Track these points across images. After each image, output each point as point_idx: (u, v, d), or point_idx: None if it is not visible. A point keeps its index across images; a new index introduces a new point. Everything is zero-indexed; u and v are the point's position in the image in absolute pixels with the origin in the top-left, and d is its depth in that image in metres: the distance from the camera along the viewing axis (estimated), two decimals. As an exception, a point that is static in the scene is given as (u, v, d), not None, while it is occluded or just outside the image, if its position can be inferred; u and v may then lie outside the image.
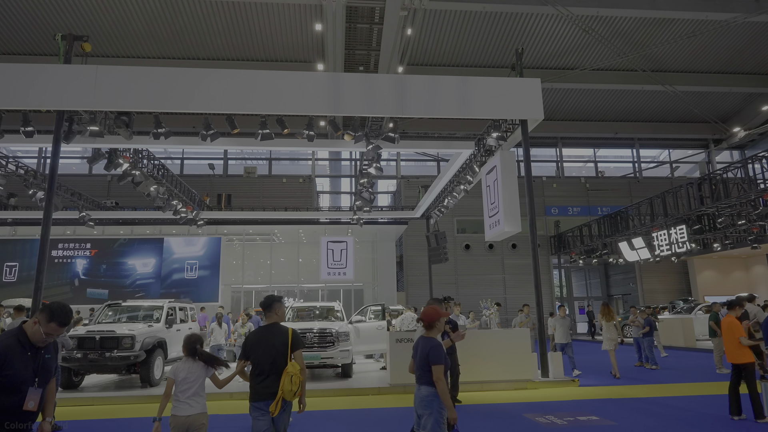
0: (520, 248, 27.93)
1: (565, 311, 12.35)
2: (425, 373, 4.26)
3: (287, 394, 4.27)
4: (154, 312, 12.31)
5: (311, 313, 13.60)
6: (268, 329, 4.56)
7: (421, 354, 4.34)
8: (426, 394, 4.24)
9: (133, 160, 13.79)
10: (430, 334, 4.51)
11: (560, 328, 12.08)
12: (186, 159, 29.67)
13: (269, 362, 4.34)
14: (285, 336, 4.48)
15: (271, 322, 4.62)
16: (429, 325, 4.51)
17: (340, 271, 21.29)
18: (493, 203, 13.43)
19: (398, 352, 10.44)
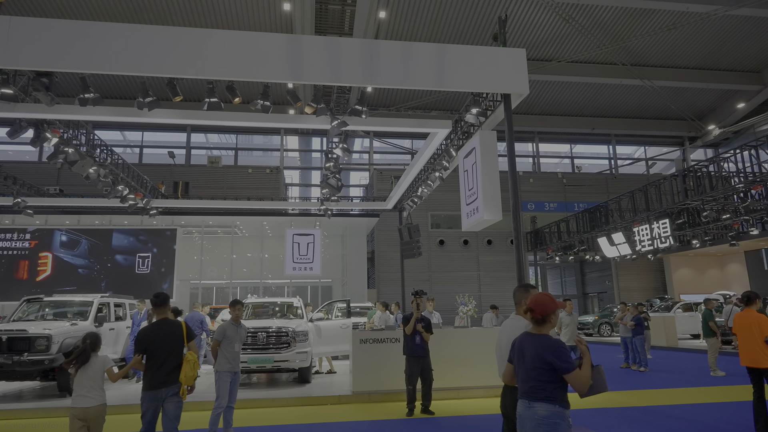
0: (496, 244, 26.76)
1: (572, 307, 10.59)
2: (541, 385, 3.11)
3: (189, 379, 4.76)
4: (82, 308, 10.54)
5: (269, 310, 11.99)
6: (162, 324, 4.91)
7: (534, 358, 3.16)
8: (545, 414, 3.07)
9: (64, 134, 11.94)
10: (541, 330, 3.28)
11: (567, 328, 10.32)
12: (145, 147, 27.65)
13: (166, 353, 4.74)
14: (179, 329, 4.93)
15: (162, 318, 4.95)
16: (542, 318, 3.26)
17: (307, 266, 19.68)
18: (471, 189, 12.03)
19: (362, 354, 8.96)
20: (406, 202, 18.07)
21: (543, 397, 3.09)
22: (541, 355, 3.11)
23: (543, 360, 3.09)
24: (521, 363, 3.25)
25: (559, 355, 3.07)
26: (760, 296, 6.29)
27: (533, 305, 3.27)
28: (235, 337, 6.38)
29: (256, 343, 9.78)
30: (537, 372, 3.12)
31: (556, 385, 3.10)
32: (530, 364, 3.15)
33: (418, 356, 7.74)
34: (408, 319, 7.88)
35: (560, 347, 3.13)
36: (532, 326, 3.31)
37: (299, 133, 28.07)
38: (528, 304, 3.31)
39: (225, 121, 11.22)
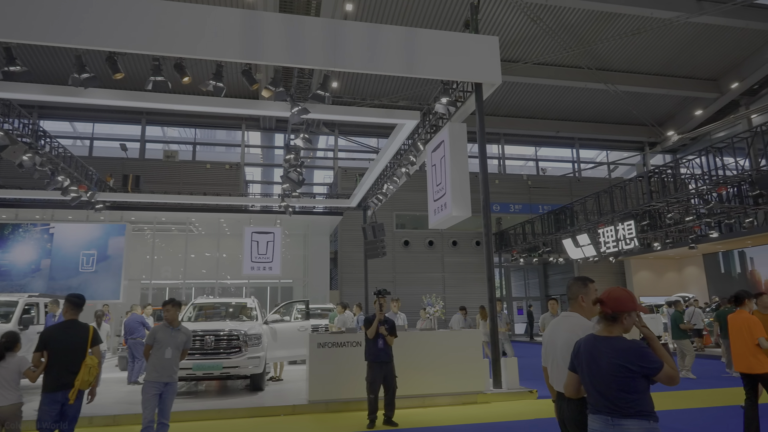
0: (461, 245, 26.32)
1: (557, 307, 9.48)
2: (628, 397, 2.62)
3: (83, 384, 4.65)
4: (7, 309, 9.33)
5: (220, 312, 11.01)
6: (69, 325, 4.79)
7: (614, 366, 2.66)
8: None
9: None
10: (612, 332, 2.78)
11: None
12: (96, 139, 25.96)
13: (69, 356, 4.63)
14: (86, 332, 4.79)
15: (71, 318, 4.82)
16: (613, 314, 2.78)
17: (266, 266, 18.68)
18: (439, 184, 11.40)
19: (320, 359, 8.13)
20: (371, 200, 17.34)
21: (634, 412, 2.61)
22: (623, 362, 2.63)
23: (626, 368, 2.61)
24: (594, 372, 2.72)
25: (644, 358, 2.62)
26: (751, 295, 5.80)
27: (606, 298, 2.79)
28: (167, 342, 5.45)
29: (204, 347, 8.82)
30: (620, 382, 2.62)
31: (644, 394, 2.64)
32: (609, 374, 2.65)
33: (381, 362, 6.99)
34: (370, 321, 7.12)
35: (642, 349, 2.66)
36: (600, 326, 2.82)
37: (261, 128, 26.96)
38: (601, 295, 2.85)
39: (172, 104, 10.24)
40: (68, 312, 4.80)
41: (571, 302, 3.33)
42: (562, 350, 3.13)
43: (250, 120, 26.72)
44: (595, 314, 2.99)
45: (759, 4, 22.53)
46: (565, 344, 3.11)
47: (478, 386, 8.56)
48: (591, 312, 3.17)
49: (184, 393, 9.58)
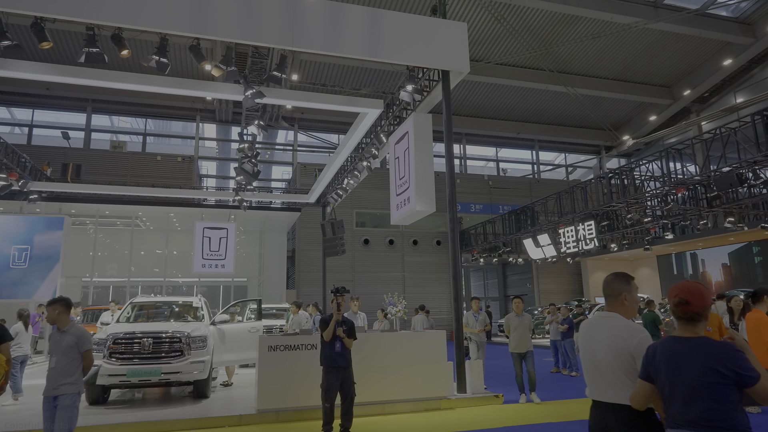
0: (422, 245, 25.88)
1: (521, 306, 8.58)
2: (721, 408, 2.22)
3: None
4: None
5: (163, 312, 10.02)
6: None
7: (704, 371, 2.27)
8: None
9: None
10: (697, 332, 2.42)
11: (516, 331, 8.36)
12: (36, 127, 24.07)
13: None
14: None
15: None
16: (700, 312, 2.42)
17: (218, 263, 17.61)
18: (402, 178, 10.77)
19: (271, 364, 7.35)
20: (330, 196, 16.59)
21: (728, 426, 2.20)
22: (715, 365, 2.24)
23: (719, 373, 2.23)
24: (678, 380, 2.34)
25: (740, 363, 2.22)
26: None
27: (688, 295, 2.39)
28: (52, 349, 4.55)
29: (141, 351, 7.88)
30: (712, 390, 2.23)
31: (737, 405, 2.24)
32: (699, 380, 2.27)
33: (338, 366, 6.28)
34: (326, 322, 6.41)
35: (737, 353, 2.26)
36: (679, 327, 2.45)
37: (217, 120, 25.71)
38: (678, 293, 2.44)
39: (107, 80, 9.17)
40: None
41: (610, 300, 2.90)
42: (605, 355, 2.75)
43: (205, 111, 25.44)
44: (635, 314, 2.64)
45: (712, 14, 23.10)
46: (609, 348, 2.71)
47: (442, 391, 7.98)
48: (632, 312, 2.82)
49: (118, 402, 8.59)
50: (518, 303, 8.63)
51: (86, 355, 4.62)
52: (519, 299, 8.71)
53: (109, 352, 7.80)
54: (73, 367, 4.52)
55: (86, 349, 4.63)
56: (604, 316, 2.87)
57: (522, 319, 8.51)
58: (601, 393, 2.76)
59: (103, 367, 7.70)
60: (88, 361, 4.63)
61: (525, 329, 8.42)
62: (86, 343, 4.64)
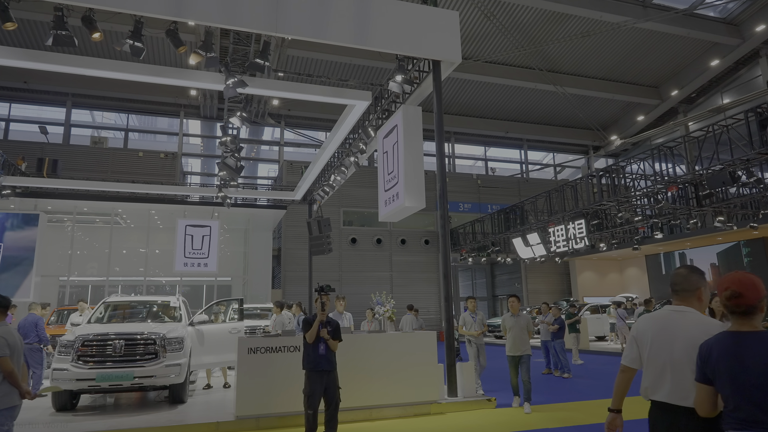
0: (410, 244, 25.49)
1: (517, 307, 7.84)
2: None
3: None
4: None
5: (139, 312, 9.48)
6: None
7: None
8: None
9: None
10: (755, 325, 2.16)
11: (512, 332, 7.74)
12: (12, 121, 23.22)
13: None
14: None
15: None
16: (756, 304, 2.17)
17: (201, 262, 17.03)
18: (391, 173, 10.35)
19: (250, 367, 6.88)
20: (317, 193, 16.11)
21: None
22: None
23: None
24: (743, 378, 2.11)
25: None
26: None
27: (740, 287, 2.19)
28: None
29: (113, 354, 7.35)
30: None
31: None
32: (760, 378, 2.04)
33: (322, 371, 5.83)
34: (309, 323, 5.95)
35: None
36: (734, 322, 2.24)
37: (202, 116, 25.08)
38: (729, 286, 2.23)
39: (76, 66, 8.62)
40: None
41: (684, 295, 2.64)
42: (682, 351, 2.48)
43: (189, 107, 24.80)
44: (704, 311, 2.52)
45: (700, 14, 23.04)
46: (691, 345, 2.42)
47: (432, 395, 7.56)
48: (704, 308, 2.63)
49: (88, 408, 8.05)
50: (514, 302, 8.02)
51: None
52: (515, 298, 8.09)
53: (77, 354, 7.27)
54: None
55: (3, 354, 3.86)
56: (680, 311, 2.59)
57: (518, 319, 7.78)
58: (675, 395, 2.48)
59: (70, 371, 7.17)
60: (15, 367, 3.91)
61: (521, 330, 7.68)
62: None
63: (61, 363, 7.24)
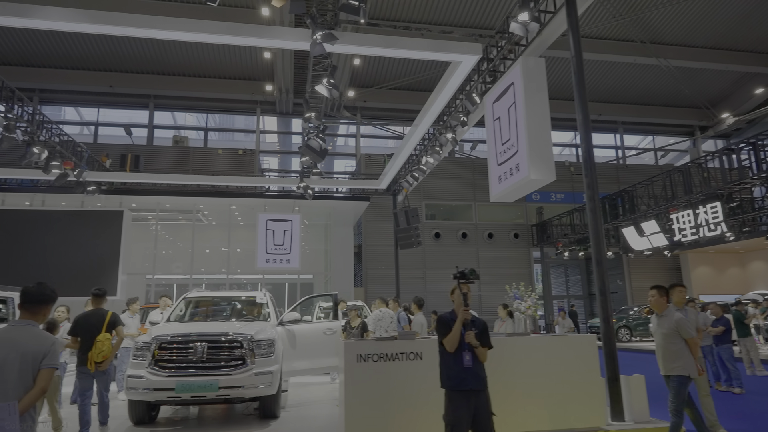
0: (498, 238, 23.29)
1: (663, 301, 4.88)
2: None
3: (95, 356, 5.48)
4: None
5: (223, 309, 8.21)
6: (92, 312, 5.78)
7: None
8: None
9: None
10: None
11: (656, 338, 5.07)
12: (101, 125, 23.53)
13: (90, 337, 5.54)
14: (103, 317, 5.71)
15: (96, 307, 5.87)
16: None
17: (283, 258, 15.91)
18: (506, 142, 8.48)
19: (361, 380, 5.25)
20: (404, 180, 14.43)
21: None
22: None
23: None
24: None
25: None
26: None
27: None
28: None
29: (194, 359, 6.02)
30: None
31: None
32: None
33: (469, 390, 4.09)
34: (446, 323, 4.25)
35: None
36: None
37: (278, 112, 24.29)
38: None
39: (153, 28, 7.42)
40: (92, 302, 5.95)
41: None
42: None
43: (265, 104, 24.09)
44: None
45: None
46: None
47: (596, 419, 5.61)
48: None
49: (168, 421, 6.79)
50: (654, 296, 4.95)
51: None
52: (656, 290, 4.98)
53: (154, 359, 5.99)
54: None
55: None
56: None
57: (661, 321, 4.95)
58: None
59: (146, 379, 5.90)
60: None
61: (665, 337, 4.87)
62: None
63: (137, 369, 6.00)
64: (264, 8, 16.05)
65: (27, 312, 3.02)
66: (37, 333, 2.97)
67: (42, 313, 3.07)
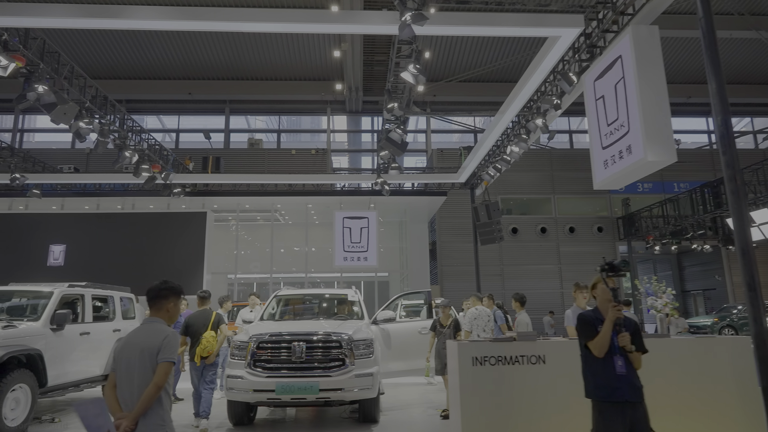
0: (579, 232, 21.91)
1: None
2: None
3: (201, 351, 6.01)
4: (38, 302, 6.83)
5: (311, 308, 7.96)
6: (199, 313, 6.40)
7: None
8: None
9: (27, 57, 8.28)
10: None
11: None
12: (182, 131, 24.47)
13: (198, 335, 6.10)
14: (209, 317, 6.30)
15: (202, 308, 6.51)
16: None
17: (360, 256, 15.65)
18: (613, 122, 7.63)
19: (478, 385, 4.71)
20: (485, 172, 13.72)
21: None
22: None
23: None
24: None
25: None
26: None
27: None
28: None
29: (293, 359, 5.72)
30: None
31: None
32: None
33: (624, 402, 3.44)
34: (590, 323, 3.63)
35: None
36: None
37: (347, 111, 24.21)
38: None
39: (233, 21, 7.24)
40: (198, 304, 6.59)
41: None
42: None
43: (335, 103, 24.09)
44: None
45: None
46: None
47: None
48: None
49: (266, 422, 6.57)
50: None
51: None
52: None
53: (252, 359, 5.76)
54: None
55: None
56: None
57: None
58: None
59: (246, 380, 5.68)
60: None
61: None
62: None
63: (236, 369, 5.79)
64: (333, 6, 15.89)
65: (151, 309, 3.01)
66: (153, 328, 2.91)
67: (165, 308, 3.00)
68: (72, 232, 15.88)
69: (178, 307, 3.06)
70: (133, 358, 2.80)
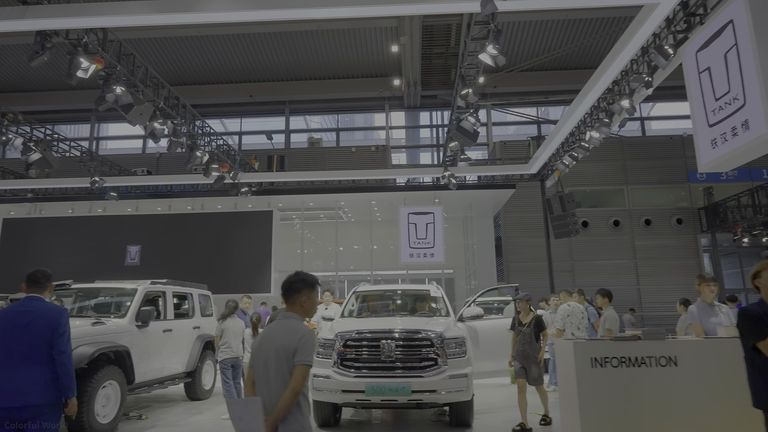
0: (656, 225, 20.47)
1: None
2: None
3: None
4: (122, 300, 6.84)
5: (389, 305, 7.59)
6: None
7: None
8: None
9: (105, 59, 8.39)
10: None
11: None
12: (244, 134, 24.97)
13: None
14: None
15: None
16: None
17: (427, 252, 15.22)
18: (722, 96, 6.79)
19: (596, 387, 4.15)
20: (559, 162, 12.92)
21: None
22: None
23: None
24: None
25: None
26: None
27: None
28: None
29: (383, 359, 5.36)
30: None
31: None
32: None
33: None
34: (761, 320, 3.02)
35: None
36: None
37: (405, 107, 23.83)
38: None
39: (305, 8, 6.95)
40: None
41: None
42: None
43: (393, 99, 23.77)
44: None
45: None
46: None
47: None
48: None
49: (352, 424, 6.26)
50: None
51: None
52: None
53: (339, 358, 5.45)
54: None
55: None
56: None
57: None
58: None
59: (333, 379, 5.37)
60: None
61: None
62: None
63: (322, 368, 5.49)
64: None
65: (286, 303, 2.80)
66: (290, 325, 2.67)
67: (298, 302, 2.76)
68: (146, 233, 16.40)
69: (313, 300, 2.81)
70: (270, 357, 2.58)
